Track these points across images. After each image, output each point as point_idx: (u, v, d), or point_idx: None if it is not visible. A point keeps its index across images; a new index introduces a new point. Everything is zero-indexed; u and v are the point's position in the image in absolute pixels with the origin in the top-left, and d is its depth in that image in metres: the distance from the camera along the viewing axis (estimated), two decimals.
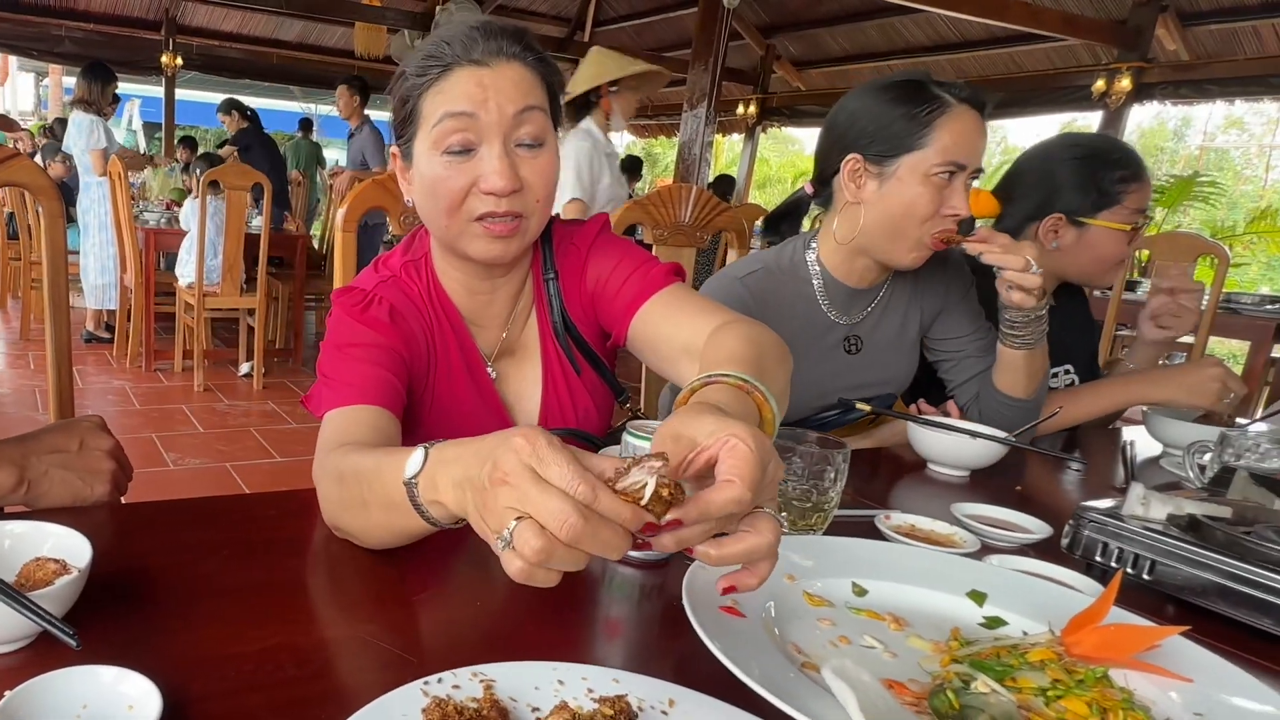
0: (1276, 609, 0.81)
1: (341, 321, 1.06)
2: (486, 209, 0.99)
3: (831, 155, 1.45)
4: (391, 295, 1.09)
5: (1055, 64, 7.75)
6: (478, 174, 0.98)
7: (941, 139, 1.33)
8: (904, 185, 1.36)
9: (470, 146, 0.98)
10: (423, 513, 0.72)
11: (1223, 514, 0.93)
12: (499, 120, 0.97)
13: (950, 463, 1.34)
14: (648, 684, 0.63)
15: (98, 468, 0.96)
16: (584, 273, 1.16)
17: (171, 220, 5.46)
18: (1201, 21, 6.66)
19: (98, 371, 5.14)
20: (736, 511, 0.60)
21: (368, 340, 1.03)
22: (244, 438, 4.11)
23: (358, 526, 0.84)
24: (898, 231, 1.38)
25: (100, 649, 0.63)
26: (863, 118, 1.40)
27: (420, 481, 0.71)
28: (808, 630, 0.74)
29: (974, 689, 0.64)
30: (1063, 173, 1.65)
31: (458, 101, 0.97)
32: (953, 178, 1.34)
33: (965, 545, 0.99)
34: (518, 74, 0.98)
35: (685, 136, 5.54)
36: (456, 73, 0.97)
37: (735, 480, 0.59)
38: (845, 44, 9.39)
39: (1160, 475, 1.46)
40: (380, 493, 0.77)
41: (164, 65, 10.13)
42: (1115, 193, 1.62)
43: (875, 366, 1.55)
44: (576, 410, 1.20)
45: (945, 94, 1.34)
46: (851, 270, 1.49)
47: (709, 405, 0.69)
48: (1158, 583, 0.90)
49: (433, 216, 1.04)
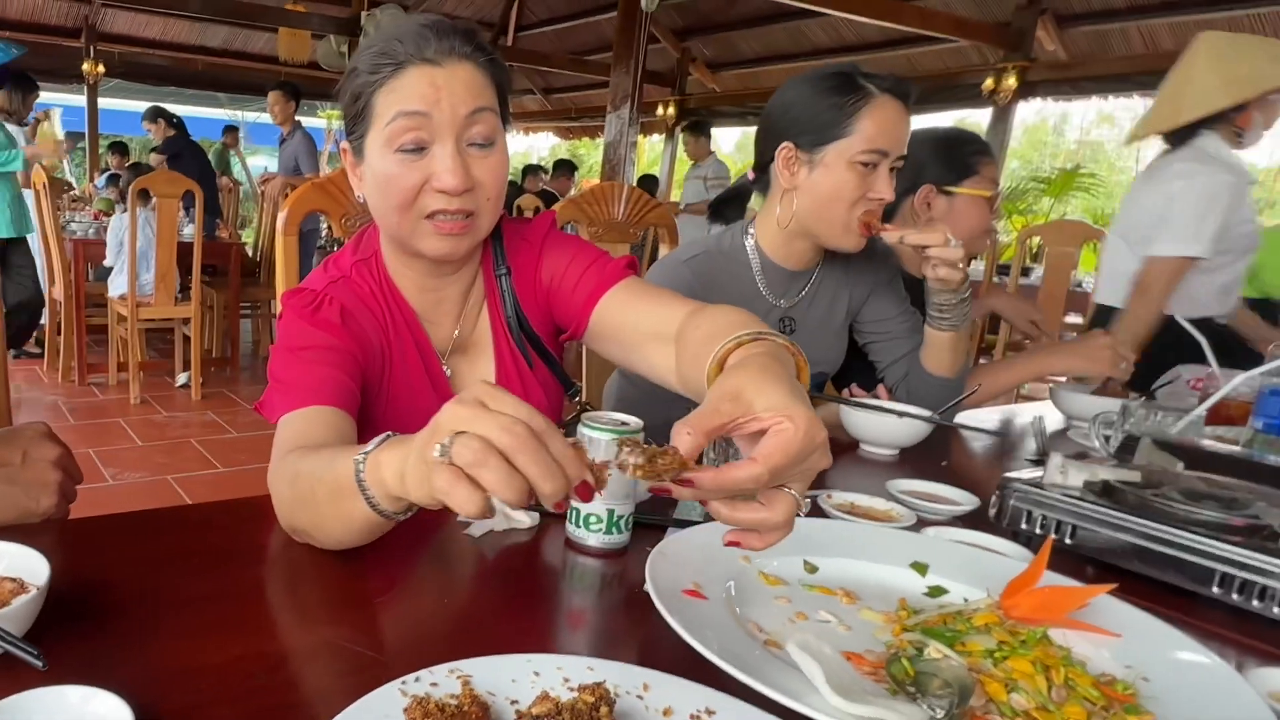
0: (1186, 565, 0.85)
1: (293, 324, 1.02)
2: (438, 206, 0.97)
3: (768, 144, 1.47)
4: (342, 295, 1.06)
5: (948, 65, 7.97)
6: (430, 172, 0.96)
7: (865, 128, 1.36)
8: (831, 172, 1.39)
9: (423, 145, 0.96)
10: (365, 492, 0.70)
11: (1133, 479, 0.96)
12: (451, 120, 0.95)
13: (881, 442, 1.36)
14: (622, 669, 0.62)
15: (43, 479, 0.88)
16: (538, 268, 1.14)
17: (100, 230, 5.19)
18: (1076, 23, 6.94)
19: (29, 387, 4.87)
20: (752, 489, 0.60)
21: (320, 342, 1.00)
22: (184, 449, 3.95)
23: (310, 522, 0.81)
24: (828, 215, 1.41)
25: (65, 668, 0.59)
26: (795, 108, 1.43)
27: (367, 462, 0.70)
28: (766, 608, 0.75)
29: (927, 655, 0.65)
30: (924, 153, 1.75)
31: (411, 101, 0.94)
32: (877, 164, 1.37)
33: (902, 519, 1.01)
34: (469, 74, 0.96)
35: (610, 137, 5.53)
36: (409, 71, 0.95)
37: (760, 461, 0.59)
38: (756, 46, 9.49)
39: (1069, 446, 1.51)
40: (330, 481, 0.75)
41: (86, 73, 9.63)
42: (972, 164, 1.76)
43: (808, 348, 1.54)
44: (528, 392, 1.17)
45: (870, 85, 1.37)
46: (789, 253, 1.51)
47: (777, 373, 0.67)
48: (1079, 546, 0.93)
49: (384, 213, 1.02)
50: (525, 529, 0.93)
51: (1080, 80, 6.74)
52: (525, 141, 16.43)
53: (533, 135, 14.35)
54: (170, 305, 4.62)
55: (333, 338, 1.01)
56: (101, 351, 5.10)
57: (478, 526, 0.91)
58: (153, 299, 4.54)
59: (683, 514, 1.00)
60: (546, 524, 0.95)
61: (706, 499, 0.62)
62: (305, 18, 8.49)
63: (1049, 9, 6.73)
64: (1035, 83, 6.80)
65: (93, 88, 9.83)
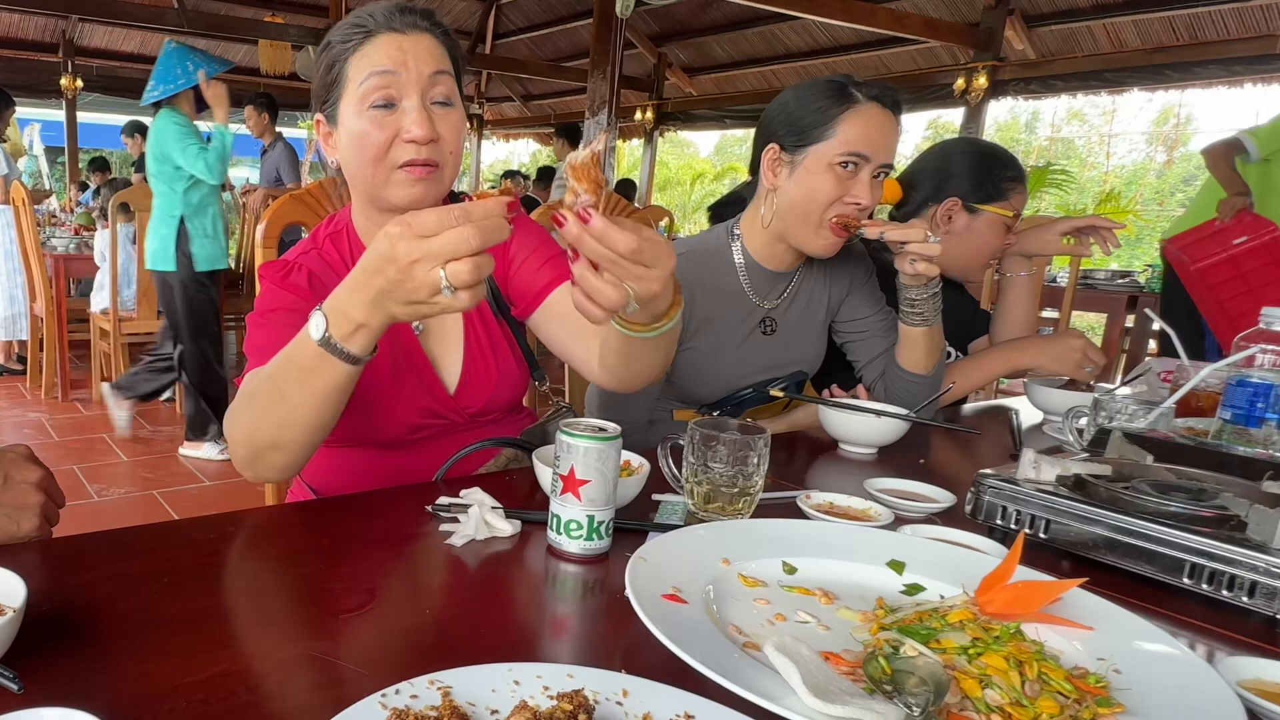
0: (1157, 556, 0.85)
1: (266, 290, 1.12)
2: (408, 156, 1.06)
3: (758, 145, 1.50)
4: (312, 263, 1.15)
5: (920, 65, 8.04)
6: (400, 126, 1.05)
7: (845, 132, 1.37)
8: (810, 174, 1.41)
9: (392, 101, 1.05)
10: (345, 353, 0.81)
11: (1104, 472, 0.97)
12: (417, 79, 1.05)
13: (859, 441, 1.36)
14: (601, 676, 0.62)
15: (25, 502, 0.87)
16: (509, 242, 1.15)
17: (81, 246, 5.13)
18: (1044, 23, 7.02)
19: (11, 405, 4.81)
20: (618, 253, 0.73)
21: (286, 305, 1.08)
22: (170, 464, 3.90)
23: (279, 420, 0.89)
24: (802, 216, 1.43)
25: (43, 690, 0.59)
26: (783, 111, 1.45)
27: (332, 330, 0.81)
28: (746, 610, 0.75)
29: (903, 653, 0.65)
30: (960, 164, 1.76)
31: (381, 62, 1.05)
32: (857, 169, 1.38)
33: (880, 518, 1.01)
34: (430, 43, 1.08)
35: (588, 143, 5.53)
36: (378, 38, 1.06)
37: (635, 234, 0.73)
38: (731, 50, 9.53)
39: (1043, 441, 1.52)
40: (294, 370, 0.85)
41: (64, 88, 9.55)
42: (1005, 190, 1.74)
43: (789, 348, 1.59)
44: (499, 364, 1.22)
45: (856, 92, 1.39)
46: (772, 254, 1.53)
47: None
48: (1053, 540, 0.93)
49: (358, 168, 1.10)
50: (506, 537, 0.93)
51: (1049, 79, 6.81)
52: (505, 148, 16.42)
53: (513, 141, 14.31)
54: (153, 319, 4.56)
55: (299, 300, 1.08)
56: (84, 368, 5.04)
57: (458, 536, 0.91)
58: (135, 313, 4.50)
59: (663, 518, 1.00)
60: (527, 532, 0.95)
61: (583, 241, 0.73)
62: (284, 29, 8.45)
63: (1017, 9, 6.81)
64: (1005, 82, 6.88)
65: (71, 102, 9.74)
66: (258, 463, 0.95)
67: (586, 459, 0.87)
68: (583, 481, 0.87)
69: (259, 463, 0.95)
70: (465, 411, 1.21)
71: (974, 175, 1.75)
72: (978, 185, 1.74)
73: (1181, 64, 6.14)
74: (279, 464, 0.95)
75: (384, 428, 1.16)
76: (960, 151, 1.79)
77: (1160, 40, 6.48)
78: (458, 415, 1.21)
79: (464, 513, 0.94)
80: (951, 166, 1.76)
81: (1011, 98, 7.19)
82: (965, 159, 1.76)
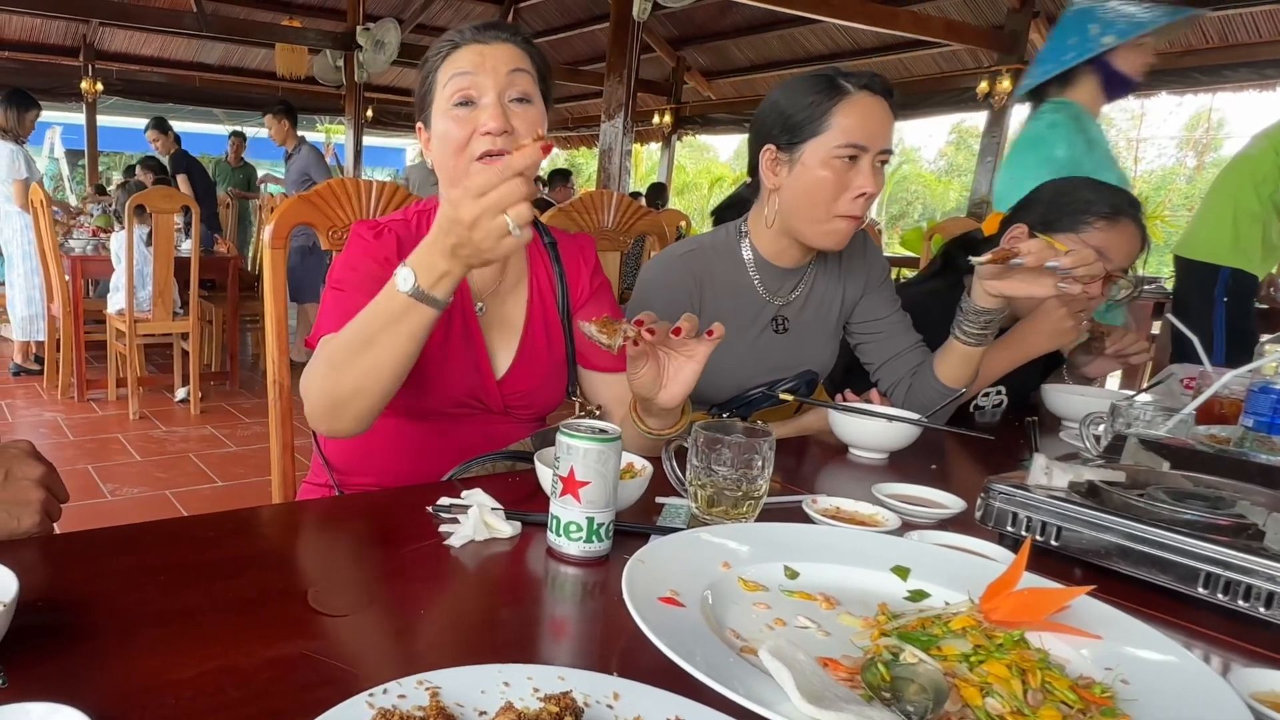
0: (1171, 565, 0.84)
1: (353, 245, 1.24)
2: (484, 148, 1.15)
3: (754, 147, 1.50)
4: (399, 229, 1.26)
5: (942, 68, 8.00)
6: (478, 122, 1.16)
7: (840, 123, 1.37)
8: (808, 169, 1.40)
9: (471, 100, 1.17)
10: (431, 298, 0.97)
11: (1118, 479, 0.96)
12: (494, 79, 1.16)
13: (869, 446, 1.35)
14: (592, 679, 0.61)
15: (25, 498, 0.87)
16: (590, 289, 1.36)
17: (99, 247, 5.20)
18: None
19: (28, 404, 4.87)
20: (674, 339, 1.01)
21: (366, 270, 1.19)
22: (183, 464, 3.94)
23: (366, 367, 1.02)
24: (808, 212, 1.43)
25: (29, 685, 0.59)
26: (774, 110, 1.45)
27: (420, 280, 0.96)
28: (745, 615, 0.74)
29: (903, 660, 0.64)
30: (1044, 194, 1.68)
31: (463, 66, 1.17)
32: (856, 159, 1.38)
33: (887, 524, 1.00)
34: (510, 48, 1.19)
35: (604, 146, 5.55)
36: (463, 48, 1.19)
37: (687, 326, 1.00)
38: (750, 54, 9.53)
39: (1060, 447, 1.50)
40: (383, 319, 1.00)
41: (84, 91, 9.70)
42: (1082, 223, 1.62)
43: (800, 346, 1.58)
44: (551, 360, 1.31)
45: (845, 83, 1.38)
46: (780, 251, 1.54)
47: None
48: (1064, 547, 0.92)
49: (443, 160, 1.21)
50: (506, 539, 0.93)
51: None
52: None
53: None
54: (168, 320, 4.62)
55: (378, 264, 1.19)
56: (100, 368, 5.10)
57: (458, 537, 0.91)
58: (151, 314, 4.55)
59: (666, 521, 0.99)
60: (528, 533, 0.94)
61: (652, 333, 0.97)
62: (301, 33, 8.54)
63: (1041, 11, 6.74)
64: None
65: (91, 105, 9.89)
66: (337, 413, 1.07)
67: (586, 460, 0.86)
68: (583, 483, 0.87)
69: (339, 412, 1.06)
70: (506, 398, 1.29)
71: (1051, 204, 1.66)
72: (1046, 215, 1.64)
73: (1211, 67, 6.07)
74: (360, 411, 1.06)
75: (427, 396, 1.23)
76: (1054, 186, 1.70)
77: (1189, 43, 6.41)
78: (497, 401, 1.28)
79: (464, 513, 0.94)
80: (1064, 200, 1.67)
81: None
82: (1051, 190, 1.68)
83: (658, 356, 1.05)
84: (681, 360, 1.05)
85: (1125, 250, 1.61)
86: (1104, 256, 1.53)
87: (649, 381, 1.06)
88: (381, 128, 12.09)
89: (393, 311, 0.99)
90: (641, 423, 1.14)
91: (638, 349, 1.00)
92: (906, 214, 19.09)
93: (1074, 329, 1.58)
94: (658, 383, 1.06)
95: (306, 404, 1.10)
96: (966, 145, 18.78)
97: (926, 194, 19.21)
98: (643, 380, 1.06)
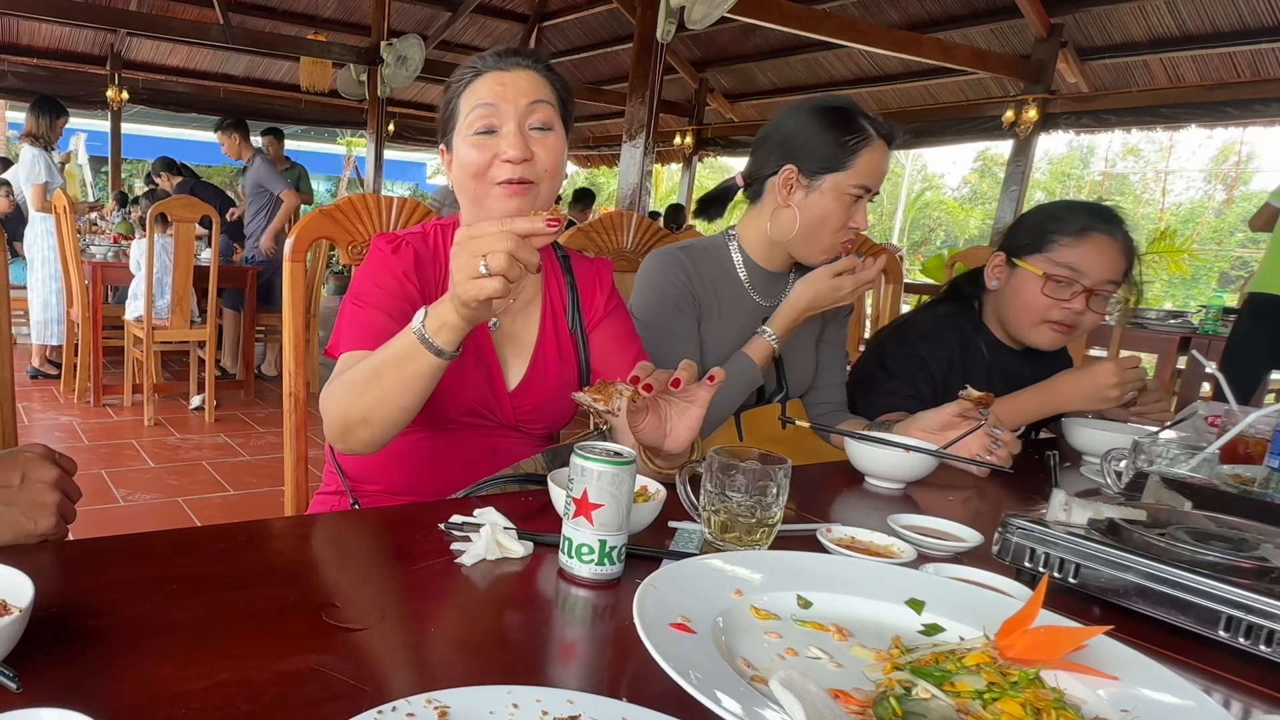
0: (1191, 606, 0.83)
1: (374, 257, 1.29)
2: (505, 175, 1.20)
3: (769, 160, 1.60)
4: (417, 243, 1.31)
5: (968, 96, 8.01)
6: (499, 149, 1.20)
7: (861, 164, 1.52)
8: (824, 199, 1.54)
9: (493, 128, 1.21)
10: (432, 345, 1.01)
11: (1138, 517, 0.95)
12: (515, 108, 1.20)
13: (886, 476, 1.35)
14: (601, 703, 0.62)
15: (41, 501, 0.88)
16: (605, 310, 1.40)
17: (119, 254, 5.28)
18: (1098, 56, 6.96)
19: (44, 408, 4.94)
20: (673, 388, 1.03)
21: (384, 284, 1.24)
22: (196, 471, 3.98)
23: (372, 400, 1.07)
24: (814, 237, 1.57)
25: (42, 691, 0.60)
26: (802, 136, 1.55)
27: (426, 325, 1.01)
28: (756, 644, 0.74)
29: (915, 695, 0.64)
30: (1031, 218, 1.77)
31: (484, 96, 1.21)
32: (859, 199, 1.54)
33: (903, 555, 1.00)
34: (531, 76, 1.23)
35: (625, 167, 5.58)
36: (485, 76, 1.23)
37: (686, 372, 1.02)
38: (773, 77, 9.58)
39: (1081, 482, 1.49)
40: (393, 356, 1.04)
41: (110, 100, 9.87)
42: (1048, 241, 1.67)
43: (786, 352, 1.68)
44: (562, 374, 1.35)
45: (869, 127, 1.52)
46: (769, 257, 1.67)
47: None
48: (1082, 585, 0.92)
49: (464, 183, 1.25)
50: (518, 558, 0.93)
51: (1102, 113, 6.74)
52: None
53: None
54: (185, 328, 4.68)
55: (396, 279, 1.25)
56: (117, 373, 5.17)
57: (469, 556, 0.91)
58: (168, 322, 4.61)
59: (679, 546, 1.00)
60: (539, 554, 0.95)
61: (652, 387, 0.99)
62: (326, 47, 8.68)
63: (1070, 42, 6.76)
64: (1056, 115, 6.82)
65: (116, 113, 10.06)
66: (349, 436, 1.11)
67: (600, 483, 0.87)
68: (596, 505, 0.87)
69: (350, 436, 1.11)
70: (517, 411, 1.32)
71: (1028, 227, 1.75)
72: (1016, 237, 1.75)
73: (1242, 101, 6.06)
74: (366, 438, 1.11)
75: (439, 404, 1.25)
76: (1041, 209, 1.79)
77: (1220, 76, 6.41)
78: (508, 414, 1.32)
79: (476, 532, 0.94)
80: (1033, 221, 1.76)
81: (1063, 131, 7.13)
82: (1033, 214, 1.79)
83: (658, 406, 1.08)
84: (683, 405, 1.07)
85: (1103, 264, 1.64)
86: (1077, 273, 1.64)
87: (653, 431, 1.08)
88: (402, 142, 12.22)
89: (400, 351, 1.04)
90: (651, 463, 1.15)
91: (637, 405, 1.03)
92: (929, 240, 19.08)
93: (1117, 399, 1.60)
94: (661, 430, 1.08)
95: (324, 419, 1.14)
96: (991, 173, 18.78)
97: (949, 220, 19.20)
98: (646, 431, 1.07)
